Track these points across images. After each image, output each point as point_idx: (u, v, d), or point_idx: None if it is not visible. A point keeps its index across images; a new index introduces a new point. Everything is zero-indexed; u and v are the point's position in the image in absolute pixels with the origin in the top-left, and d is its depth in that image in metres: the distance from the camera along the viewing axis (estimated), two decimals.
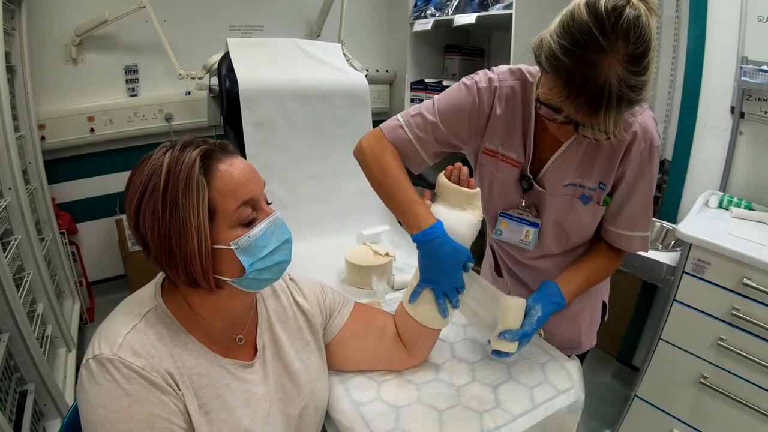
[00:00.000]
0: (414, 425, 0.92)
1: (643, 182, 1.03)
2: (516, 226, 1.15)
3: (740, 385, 1.49)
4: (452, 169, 1.05)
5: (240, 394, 0.82)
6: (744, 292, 1.44)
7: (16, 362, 1.59)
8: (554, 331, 1.24)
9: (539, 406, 0.98)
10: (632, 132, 0.98)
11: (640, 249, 1.11)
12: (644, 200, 1.06)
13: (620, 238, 1.10)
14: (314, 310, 1.00)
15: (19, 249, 1.87)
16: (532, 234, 1.13)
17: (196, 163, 0.73)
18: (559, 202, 1.09)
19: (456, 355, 1.13)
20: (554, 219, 1.12)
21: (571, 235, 1.14)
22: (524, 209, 1.14)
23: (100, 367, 0.69)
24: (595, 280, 1.12)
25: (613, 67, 0.77)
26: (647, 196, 1.05)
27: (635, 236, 1.09)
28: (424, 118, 1.13)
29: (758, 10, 1.77)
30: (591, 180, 1.05)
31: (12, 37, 2.17)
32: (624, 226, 1.09)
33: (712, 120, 1.96)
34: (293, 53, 2.28)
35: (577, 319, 1.27)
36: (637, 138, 0.98)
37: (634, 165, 1.01)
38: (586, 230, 1.14)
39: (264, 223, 0.79)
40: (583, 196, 1.07)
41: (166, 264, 0.75)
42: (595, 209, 1.08)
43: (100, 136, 2.71)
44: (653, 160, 1.01)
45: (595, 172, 1.04)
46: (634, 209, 1.06)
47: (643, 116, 0.98)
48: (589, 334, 1.32)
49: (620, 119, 0.83)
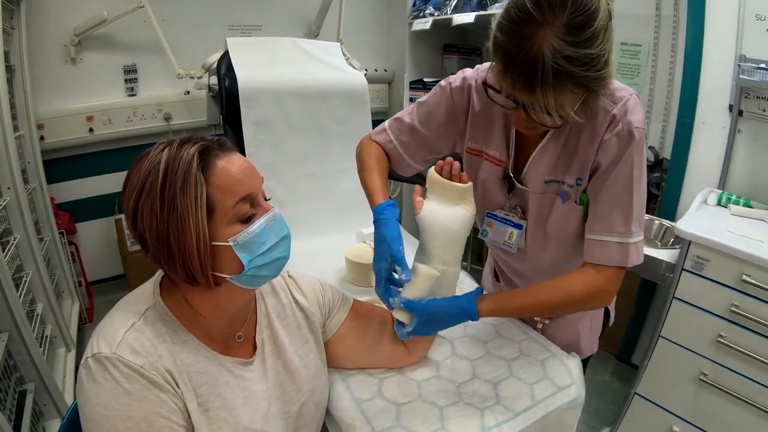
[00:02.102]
0: (415, 422, 0.92)
1: (620, 170, 0.91)
2: (500, 227, 1.12)
3: (740, 382, 1.49)
4: (443, 164, 1.01)
5: (239, 391, 0.82)
6: (743, 288, 1.45)
7: (16, 362, 1.58)
8: (553, 335, 1.21)
9: (540, 403, 0.98)
10: (610, 115, 0.91)
11: (619, 260, 0.92)
12: (622, 194, 0.92)
13: (593, 246, 0.95)
14: (313, 308, 1.00)
15: (18, 249, 1.87)
16: (516, 236, 1.10)
17: (194, 160, 0.73)
18: (540, 200, 1.04)
19: (456, 352, 1.14)
20: (536, 219, 1.07)
21: (555, 238, 1.07)
22: (510, 210, 1.11)
23: (99, 365, 0.69)
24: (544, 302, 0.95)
25: (547, 39, 0.73)
26: (625, 188, 0.91)
27: (611, 242, 0.93)
28: (404, 122, 1.15)
29: (756, 8, 1.77)
30: (570, 175, 0.99)
31: (11, 36, 2.17)
32: (598, 228, 0.94)
33: (711, 118, 1.96)
34: (292, 52, 2.28)
35: (575, 325, 1.23)
36: (614, 120, 0.90)
37: (609, 149, 0.91)
38: (566, 236, 1.05)
39: (262, 219, 0.79)
40: (563, 194, 1.01)
41: (165, 261, 0.75)
42: (572, 208, 1.01)
43: (99, 135, 2.71)
44: (632, 146, 0.89)
45: (574, 167, 0.98)
46: (609, 205, 0.93)
47: (628, 100, 0.91)
48: (590, 340, 1.27)
49: (565, 97, 0.79)
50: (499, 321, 1.26)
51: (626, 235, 0.92)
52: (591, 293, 0.94)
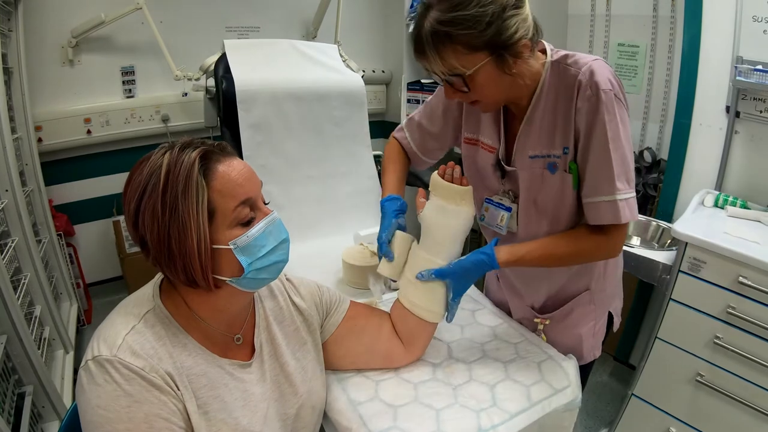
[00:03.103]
0: (411, 424, 0.92)
1: (596, 133, 0.95)
2: (495, 211, 1.17)
3: (736, 383, 1.50)
4: (445, 168, 1.06)
5: (238, 393, 0.83)
6: (739, 290, 1.45)
7: (14, 364, 1.58)
8: (554, 339, 1.21)
9: (536, 405, 0.99)
10: (577, 81, 0.95)
11: (612, 219, 0.97)
12: (602, 155, 0.95)
13: (588, 210, 1.01)
14: (311, 310, 1.01)
15: (16, 251, 1.87)
16: (506, 218, 1.15)
17: (195, 164, 0.73)
18: (529, 176, 1.08)
19: (453, 354, 1.14)
20: (528, 196, 1.10)
21: (548, 213, 1.09)
22: (503, 195, 1.16)
23: (100, 368, 0.69)
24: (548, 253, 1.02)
25: (429, 14, 0.90)
26: (604, 149, 0.95)
27: (601, 202, 0.97)
28: (413, 120, 1.30)
29: (753, 10, 1.78)
30: (556, 147, 1.03)
31: (8, 38, 2.17)
32: (589, 191, 1.00)
33: (708, 119, 1.97)
34: (290, 54, 2.28)
35: (577, 329, 1.23)
36: (582, 85, 0.95)
37: (583, 115, 0.96)
38: (563, 207, 1.07)
39: (262, 222, 0.79)
40: (550, 165, 1.04)
41: (165, 264, 0.75)
42: (563, 177, 1.04)
43: (97, 137, 2.71)
44: (602, 107, 0.93)
45: (558, 138, 1.02)
46: (593, 168, 0.98)
47: (590, 63, 0.95)
48: (592, 345, 1.26)
49: (450, 56, 0.90)
50: (496, 323, 1.26)
51: (613, 193, 0.96)
52: (600, 249, 1.02)
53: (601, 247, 1.02)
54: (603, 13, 2.38)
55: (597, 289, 1.20)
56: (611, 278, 1.23)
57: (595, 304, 1.21)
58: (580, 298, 1.20)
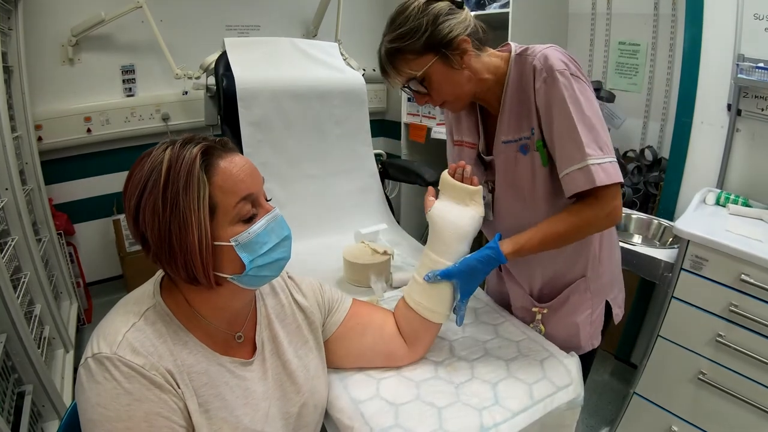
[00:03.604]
0: (413, 422, 0.92)
1: (557, 109, 1.01)
2: None
3: (739, 382, 1.49)
4: (455, 167, 1.09)
5: (239, 392, 0.82)
6: (742, 288, 1.45)
7: (14, 363, 1.58)
8: (551, 332, 1.23)
9: (538, 403, 0.98)
10: (532, 66, 1.04)
11: (586, 183, 1.00)
12: (567, 128, 1.00)
13: (566, 183, 1.04)
14: (313, 308, 1.00)
15: (16, 250, 1.87)
16: None
17: (196, 160, 0.73)
18: (504, 160, 1.14)
19: (455, 353, 1.14)
20: (505, 179, 1.16)
21: (524, 193, 1.13)
22: (483, 185, 1.17)
23: (99, 365, 0.69)
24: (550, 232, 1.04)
25: (383, 42, 1.08)
26: (568, 122, 1.00)
27: (574, 171, 1.01)
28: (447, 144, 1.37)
29: (754, 7, 1.77)
30: (524, 130, 1.09)
31: (8, 37, 2.17)
32: (561, 165, 1.04)
33: (709, 117, 1.96)
34: (290, 52, 2.27)
35: (573, 318, 1.24)
36: (537, 69, 1.02)
37: (541, 94, 1.03)
38: (536, 186, 1.11)
39: (264, 219, 0.79)
40: (522, 147, 1.10)
41: (166, 261, 0.75)
42: (533, 156, 1.09)
43: (97, 136, 2.71)
44: (559, 85, 1.00)
45: (525, 121, 1.09)
46: (560, 140, 1.02)
47: (543, 50, 1.04)
48: (590, 333, 1.26)
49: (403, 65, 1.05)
50: (498, 321, 1.26)
51: (584, 159, 0.99)
52: (595, 214, 1.03)
53: (598, 212, 1.03)
54: (604, 12, 2.38)
55: (593, 276, 1.21)
56: (606, 264, 1.23)
57: (591, 292, 1.22)
58: (576, 285, 1.21)
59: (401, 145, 3.07)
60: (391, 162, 2.44)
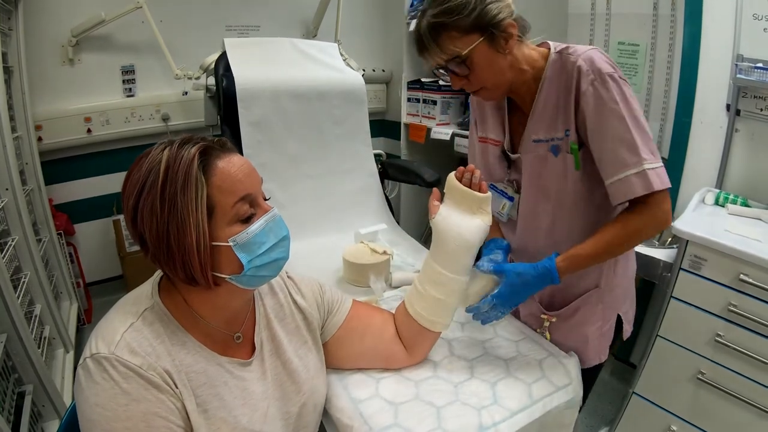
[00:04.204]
0: (413, 422, 0.92)
1: (606, 110, 0.97)
2: (497, 198, 1.20)
3: (738, 381, 1.49)
4: (464, 171, 1.04)
5: (238, 392, 0.82)
6: (740, 288, 1.45)
7: (14, 363, 1.58)
8: (559, 341, 1.19)
9: (537, 402, 0.98)
10: (576, 66, 1.00)
11: (644, 188, 0.96)
12: (618, 129, 0.97)
13: (617, 188, 0.99)
14: (312, 309, 1.00)
15: (16, 250, 1.87)
16: (507, 207, 1.20)
17: (194, 160, 0.73)
18: (532, 159, 1.11)
19: (454, 352, 1.14)
20: (531, 179, 1.13)
21: (551, 195, 1.11)
22: (507, 184, 1.20)
23: (98, 365, 0.69)
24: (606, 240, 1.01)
25: (426, 15, 1.00)
26: (619, 123, 0.97)
27: (630, 176, 0.97)
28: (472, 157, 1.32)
29: (753, 8, 1.77)
30: (558, 130, 1.06)
31: (9, 37, 2.17)
32: (614, 170, 0.99)
33: (708, 117, 1.96)
34: (290, 53, 2.28)
35: (583, 328, 1.20)
36: (582, 71, 0.99)
37: (590, 97, 0.99)
38: (566, 189, 1.08)
39: (262, 219, 0.79)
40: (553, 148, 1.07)
41: (164, 261, 0.75)
42: (565, 158, 1.06)
43: (97, 136, 2.71)
44: (610, 88, 0.97)
45: (560, 122, 1.05)
46: (612, 144, 0.98)
47: (587, 52, 1.01)
48: (598, 347, 1.22)
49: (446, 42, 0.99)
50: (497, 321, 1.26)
51: (639, 164, 0.96)
52: (648, 223, 1.00)
53: (648, 220, 1.00)
54: (603, 12, 2.38)
55: (606, 288, 1.18)
56: (622, 277, 1.21)
57: (603, 304, 1.19)
58: (589, 296, 1.18)
59: (401, 145, 3.07)
60: (391, 162, 2.44)
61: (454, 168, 1.05)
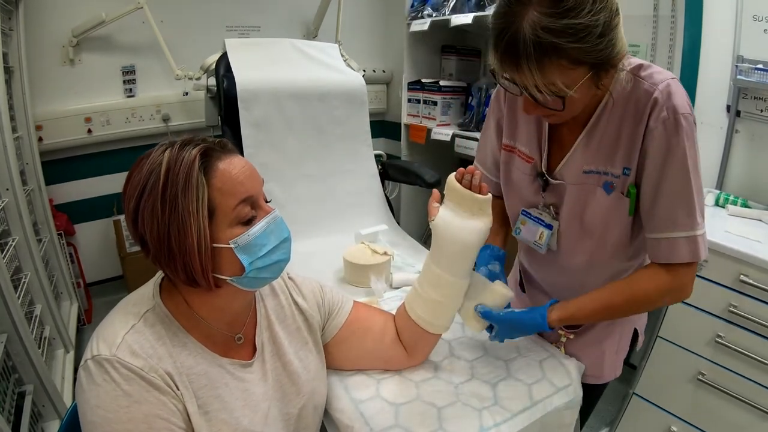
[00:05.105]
0: (413, 423, 0.92)
1: (673, 160, 0.85)
2: (533, 226, 1.08)
3: (738, 382, 1.50)
4: (464, 172, 0.97)
5: (239, 393, 0.82)
6: (741, 288, 1.45)
7: (15, 363, 1.58)
8: (576, 354, 1.14)
9: (538, 403, 0.98)
10: (653, 98, 0.85)
11: (690, 257, 0.87)
12: (680, 185, 0.86)
13: (659, 245, 0.90)
14: (312, 310, 1.00)
15: (16, 250, 1.87)
16: (546, 236, 1.06)
17: (195, 161, 0.73)
18: (578, 191, 0.98)
19: (454, 352, 1.14)
20: (573, 213, 1.00)
21: (594, 234, 0.99)
22: (543, 209, 1.06)
23: (99, 367, 0.69)
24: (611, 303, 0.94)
25: (528, 14, 0.74)
26: (683, 180, 0.85)
27: (679, 238, 0.87)
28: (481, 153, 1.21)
29: (753, 9, 1.78)
30: (615, 165, 0.92)
31: (9, 38, 2.17)
32: (663, 227, 0.89)
33: (708, 118, 1.96)
34: (290, 53, 2.28)
35: (600, 345, 1.15)
36: (657, 105, 0.84)
37: (657, 139, 0.85)
38: (612, 231, 0.98)
39: (263, 221, 0.79)
40: (606, 185, 0.93)
41: (165, 263, 0.75)
42: (620, 200, 0.93)
43: (98, 136, 2.71)
44: (681, 134, 0.83)
45: (619, 155, 0.91)
46: (669, 199, 0.87)
47: (667, 81, 0.85)
48: (614, 363, 1.17)
49: (554, 72, 0.76)
50: None
51: (692, 228, 0.87)
52: (663, 292, 0.92)
53: (668, 291, 0.92)
54: None
55: None
56: None
57: (622, 321, 1.15)
58: None
59: (401, 145, 3.07)
60: (391, 163, 2.44)
61: (454, 169, 1.00)
